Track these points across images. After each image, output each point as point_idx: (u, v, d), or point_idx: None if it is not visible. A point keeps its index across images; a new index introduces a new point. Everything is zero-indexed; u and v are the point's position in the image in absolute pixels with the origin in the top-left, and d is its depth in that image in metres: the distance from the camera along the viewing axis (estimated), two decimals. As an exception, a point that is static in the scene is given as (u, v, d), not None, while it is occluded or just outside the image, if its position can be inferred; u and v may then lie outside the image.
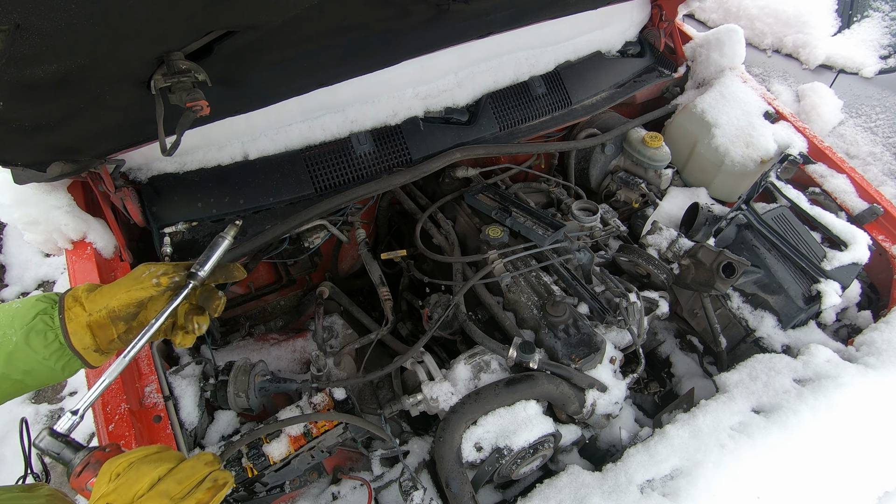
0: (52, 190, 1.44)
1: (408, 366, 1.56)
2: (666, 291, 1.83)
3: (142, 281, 1.03)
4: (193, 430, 1.38)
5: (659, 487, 1.30)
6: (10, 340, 0.94)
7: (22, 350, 0.94)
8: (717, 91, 2.14)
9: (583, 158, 2.24)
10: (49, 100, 0.95)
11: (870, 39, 3.48)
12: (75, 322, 0.98)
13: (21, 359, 0.95)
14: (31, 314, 0.96)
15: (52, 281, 3.41)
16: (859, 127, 3.40)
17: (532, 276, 1.70)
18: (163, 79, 1.01)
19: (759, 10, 3.83)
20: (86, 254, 1.50)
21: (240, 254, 1.49)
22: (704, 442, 1.36)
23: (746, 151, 2.02)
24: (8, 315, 0.97)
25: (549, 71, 2.04)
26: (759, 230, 1.85)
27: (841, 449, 1.40)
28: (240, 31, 1.05)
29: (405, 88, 1.77)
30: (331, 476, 1.53)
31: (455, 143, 1.83)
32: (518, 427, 1.39)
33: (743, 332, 1.80)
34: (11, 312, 0.97)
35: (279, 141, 1.64)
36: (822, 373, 1.53)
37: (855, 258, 1.84)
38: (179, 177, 1.55)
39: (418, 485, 1.39)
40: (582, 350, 1.50)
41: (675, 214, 2.02)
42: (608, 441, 1.64)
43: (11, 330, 0.95)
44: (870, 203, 1.95)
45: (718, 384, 1.56)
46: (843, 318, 1.91)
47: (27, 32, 0.71)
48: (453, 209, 1.98)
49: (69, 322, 0.98)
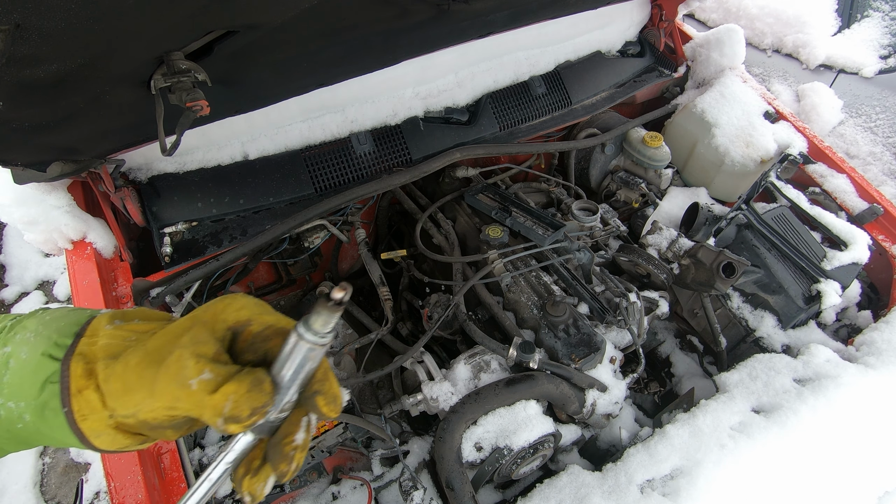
0: (52, 190, 1.44)
1: (408, 366, 1.56)
2: (666, 291, 1.83)
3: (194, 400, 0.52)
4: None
5: (659, 487, 1.30)
6: (21, 418, 0.60)
7: (41, 433, 0.60)
8: (717, 91, 2.14)
9: (583, 158, 2.24)
10: (49, 100, 0.95)
11: (870, 39, 3.48)
12: (93, 420, 0.57)
13: (54, 437, 0.61)
14: (38, 383, 0.58)
15: (52, 281, 3.41)
16: (859, 127, 3.40)
17: (532, 276, 1.70)
18: (163, 79, 1.01)
19: (759, 10, 3.84)
20: (86, 254, 1.51)
21: (240, 254, 1.49)
22: (704, 442, 1.36)
23: (746, 151, 2.02)
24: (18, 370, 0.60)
25: (549, 71, 2.04)
26: (759, 230, 1.85)
27: (841, 449, 1.39)
28: (240, 31, 1.05)
29: (405, 88, 1.77)
30: (331, 476, 1.53)
31: (455, 143, 1.83)
32: (518, 427, 1.39)
33: (743, 332, 1.80)
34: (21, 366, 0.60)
35: (279, 141, 1.64)
36: (822, 373, 1.53)
37: (855, 258, 1.84)
38: (179, 177, 1.55)
39: (418, 485, 1.39)
40: (582, 350, 1.50)
41: (675, 214, 2.01)
42: (608, 441, 1.64)
43: (20, 403, 0.59)
44: (870, 203, 1.95)
45: (718, 384, 1.56)
46: (843, 318, 1.91)
47: (27, 32, 0.71)
48: (453, 209, 1.98)
49: (82, 421, 0.57)
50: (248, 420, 0.51)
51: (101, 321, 0.61)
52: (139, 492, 1.15)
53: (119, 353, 0.57)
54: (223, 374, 0.52)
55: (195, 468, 1.32)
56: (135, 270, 1.57)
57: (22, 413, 0.59)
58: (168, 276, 1.49)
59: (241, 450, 0.57)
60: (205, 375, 0.51)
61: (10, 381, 0.60)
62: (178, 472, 1.24)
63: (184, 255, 1.51)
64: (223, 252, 1.51)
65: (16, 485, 2.60)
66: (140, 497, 1.14)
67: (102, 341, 0.59)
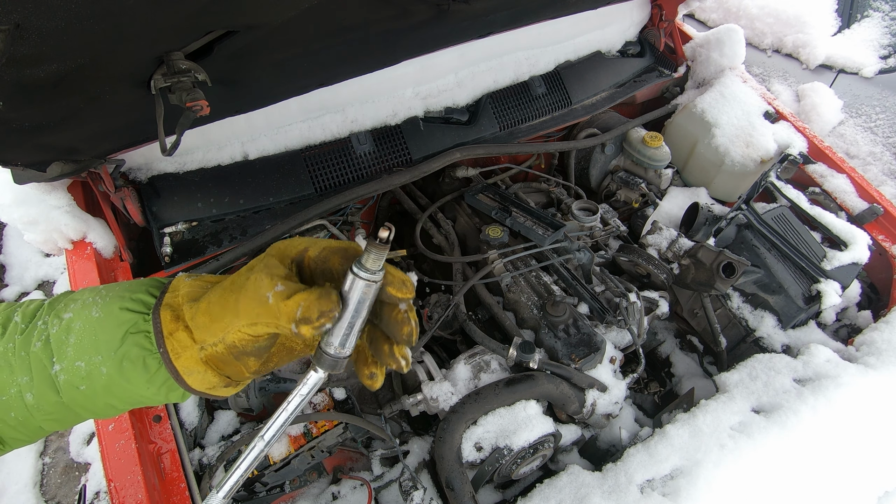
0: (52, 190, 1.44)
1: (408, 366, 1.56)
2: (666, 291, 1.83)
3: (271, 310, 0.58)
4: (193, 430, 1.38)
5: (659, 487, 1.30)
6: (98, 371, 0.64)
7: (119, 386, 0.64)
8: (717, 91, 2.14)
9: (583, 158, 2.24)
10: (49, 100, 0.95)
11: (870, 39, 3.48)
12: (185, 358, 0.63)
13: (124, 392, 0.66)
14: (119, 334, 0.63)
15: (52, 281, 3.41)
16: (859, 127, 3.40)
17: (532, 276, 1.70)
18: (163, 79, 1.01)
19: (759, 10, 3.84)
20: (86, 254, 1.51)
21: (240, 254, 1.49)
22: (704, 442, 1.36)
23: (746, 151, 2.02)
24: (90, 329, 0.64)
25: (549, 71, 2.04)
26: (759, 230, 1.85)
27: (841, 449, 1.39)
28: (240, 31, 1.05)
29: (405, 88, 1.77)
30: (331, 476, 1.53)
31: (455, 143, 1.83)
32: (518, 427, 1.39)
33: (743, 332, 1.80)
34: (93, 325, 0.65)
35: (279, 141, 1.64)
36: (822, 373, 1.53)
37: (855, 258, 1.84)
38: (179, 177, 1.55)
39: (418, 485, 1.39)
40: (582, 350, 1.50)
41: (675, 214, 2.01)
42: (608, 441, 1.64)
43: (98, 356, 0.64)
44: (870, 203, 1.95)
45: (718, 384, 1.56)
46: (843, 318, 1.91)
47: (27, 32, 0.71)
48: (453, 209, 1.98)
49: (176, 359, 0.63)
50: (317, 322, 0.57)
51: (180, 279, 0.69)
52: (139, 492, 1.15)
53: (200, 296, 0.65)
54: (294, 287, 0.59)
55: (195, 468, 1.32)
56: (135, 270, 1.57)
57: (98, 367, 0.63)
58: (168, 276, 1.49)
59: (313, 384, 0.63)
60: (278, 288, 0.58)
61: (79, 341, 0.64)
62: (179, 472, 1.24)
63: (184, 255, 1.51)
64: (223, 252, 1.51)
65: (16, 485, 2.60)
66: (140, 497, 1.14)
67: (184, 290, 0.66)
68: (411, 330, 0.62)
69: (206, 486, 1.28)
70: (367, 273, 0.58)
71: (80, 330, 0.65)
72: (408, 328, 0.62)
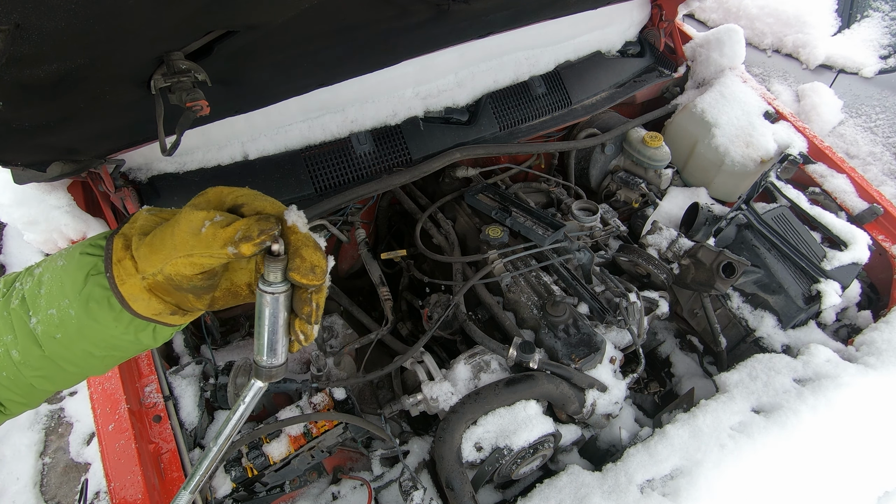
0: (52, 190, 1.44)
1: (408, 366, 1.56)
2: (666, 291, 1.83)
3: (205, 241, 0.61)
4: (193, 430, 1.38)
5: (659, 487, 1.30)
6: (68, 315, 0.66)
7: (89, 326, 0.67)
8: (717, 91, 2.14)
9: (583, 158, 2.24)
10: (49, 100, 0.95)
11: (870, 39, 3.48)
12: (129, 285, 0.66)
13: (95, 335, 0.68)
14: (81, 276, 0.67)
15: (52, 281, 3.41)
16: (859, 127, 3.40)
17: (532, 276, 1.70)
18: (163, 79, 1.01)
19: (759, 10, 3.84)
20: (86, 254, 1.50)
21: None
22: (704, 442, 1.36)
23: (746, 151, 2.02)
24: (56, 277, 0.68)
25: (549, 71, 2.04)
26: (759, 230, 1.85)
27: (841, 449, 1.39)
28: (240, 31, 1.05)
29: (405, 88, 1.77)
30: (331, 476, 1.53)
31: (455, 143, 1.83)
32: (518, 427, 1.39)
33: (743, 332, 1.80)
34: (59, 272, 0.68)
35: (279, 141, 1.64)
36: (822, 373, 1.53)
37: (855, 258, 1.84)
38: (179, 177, 1.55)
39: (418, 485, 1.39)
40: (582, 350, 1.50)
41: (675, 214, 2.01)
42: (608, 441, 1.64)
43: (65, 300, 0.67)
44: (870, 203, 1.95)
45: (718, 384, 1.56)
46: (843, 318, 1.91)
47: (27, 32, 0.71)
48: (453, 209, 1.98)
49: (121, 284, 0.66)
50: (258, 238, 0.59)
51: (141, 212, 0.71)
52: (139, 492, 1.15)
53: (150, 230, 0.67)
54: (231, 218, 0.61)
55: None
56: (135, 270, 1.57)
57: (66, 311, 0.67)
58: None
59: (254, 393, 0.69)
60: (217, 218, 0.61)
61: (48, 291, 0.68)
62: (178, 471, 1.24)
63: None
64: (223, 252, 1.50)
65: (16, 485, 2.60)
66: (140, 497, 1.14)
67: (140, 222, 0.69)
68: (311, 311, 0.65)
69: (206, 486, 1.28)
70: (270, 286, 0.63)
71: (49, 280, 0.69)
72: (308, 308, 0.65)
